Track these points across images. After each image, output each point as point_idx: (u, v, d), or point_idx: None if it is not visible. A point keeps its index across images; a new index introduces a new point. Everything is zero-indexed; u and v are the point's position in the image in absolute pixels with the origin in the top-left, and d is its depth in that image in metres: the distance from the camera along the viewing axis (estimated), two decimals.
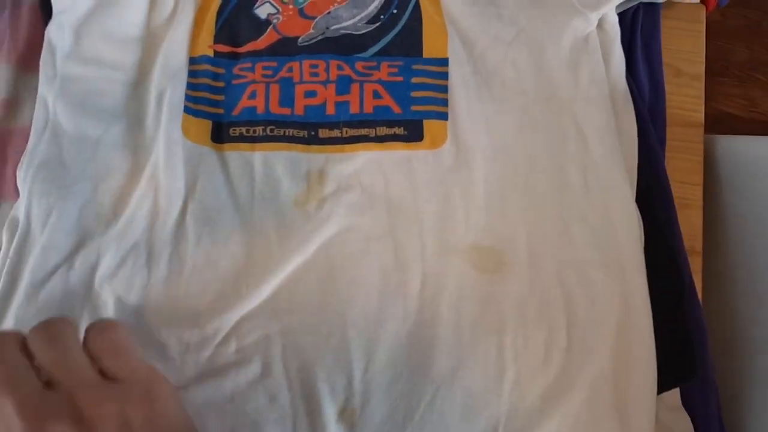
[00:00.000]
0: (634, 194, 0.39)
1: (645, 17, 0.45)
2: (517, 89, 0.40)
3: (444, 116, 0.39)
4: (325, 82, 0.40)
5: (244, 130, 0.39)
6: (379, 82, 0.40)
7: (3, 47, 0.40)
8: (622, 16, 0.44)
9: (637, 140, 0.41)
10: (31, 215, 0.37)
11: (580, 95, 0.40)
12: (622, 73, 0.42)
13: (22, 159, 0.38)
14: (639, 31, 0.44)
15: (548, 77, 0.41)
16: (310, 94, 0.39)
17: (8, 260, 0.36)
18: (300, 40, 0.41)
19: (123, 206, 0.37)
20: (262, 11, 0.42)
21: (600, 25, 0.42)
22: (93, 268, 0.36)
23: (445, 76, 0.40)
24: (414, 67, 0.40)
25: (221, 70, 0.40)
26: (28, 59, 0.40)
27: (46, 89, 0.39)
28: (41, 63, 0.39)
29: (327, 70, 0.40)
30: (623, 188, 0.38)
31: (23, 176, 0.38)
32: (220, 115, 0.39)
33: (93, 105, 0.39)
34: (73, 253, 0.36)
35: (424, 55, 0.41)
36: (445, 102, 0.39)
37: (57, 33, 0.40)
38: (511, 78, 0.40)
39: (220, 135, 0.39)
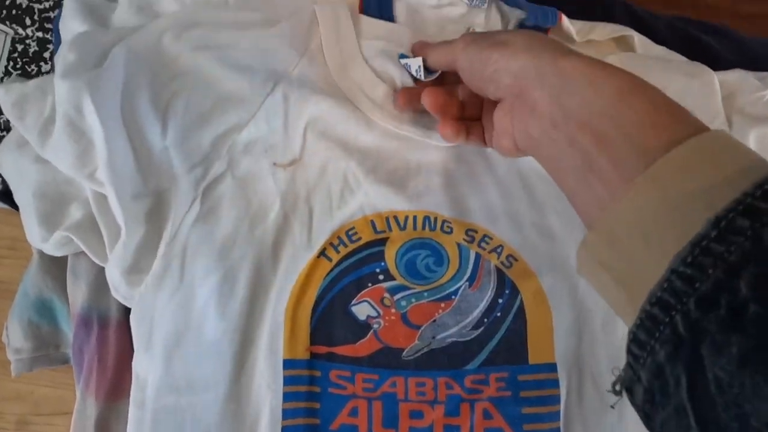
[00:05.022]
0: None
1: None
2: None
3: None
4: (432, 402, 0.38)
5: None
6: (489, 399, 0.38)
7: (91, 381, 0.37)
8: None
9: None
10: None
11: None
12: None
13: None
14: None
15: None
16: (416, 414, 0.38)
17: None
18: (405, 353, 0.39)
19: None
20: (360, 311, 0.39)
21: None
22: None
23: (555, 383, 0.39)
24: (520, 377, 0.39)
25: (317, 373, 0.38)
26: (117, 388, 0.38)
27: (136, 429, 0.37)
28: (131, 404, 0.37)
29: (435, 389, 0.38)
30: None
31: None
32: (317, 427, 0.38)
33: None
34: None
35: (531, 361, 0.39)
36: (557, 416, 0.38)
37: (146, 365, 0.37)
38: None
39: None
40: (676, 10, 0.57)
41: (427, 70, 0.42)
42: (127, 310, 0.38)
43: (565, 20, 0.45)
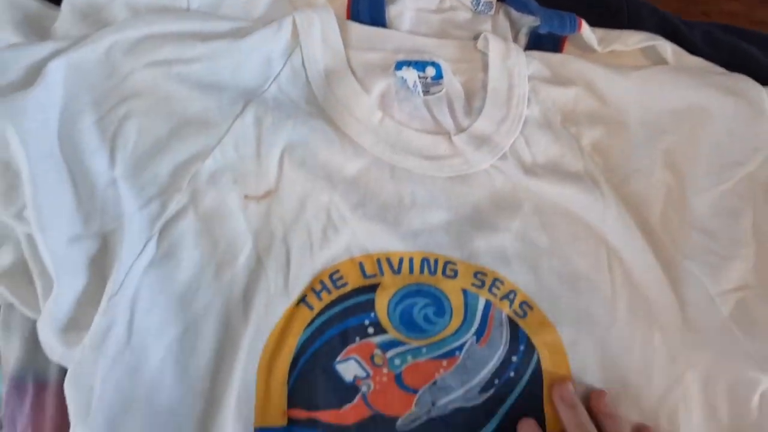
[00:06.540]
0: None
1: None
2: None
3: None
4: None
5: None
6: None
7: None
8: None
9: None
10: None
11: None
12: None
13: None
14: None
15: None
16: None
17: None
18: (399, 422, 0.33)
19: None
20: (347, 371, 0.33)
21: None
22: None
23: None
24: None
25: None
26: None
27: None
28: None
29: None
30: None
31: None
32: None
33: None
34: None
35: (549, 428, 0.33)
36: None
37: None
38: None
39: None
40: (689, 17, 0.53)
41: (426, 84, 0.36)
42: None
43: (586, 28, 0.39)
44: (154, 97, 0.33)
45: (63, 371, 0.33)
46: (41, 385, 0.33)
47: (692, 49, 0.40)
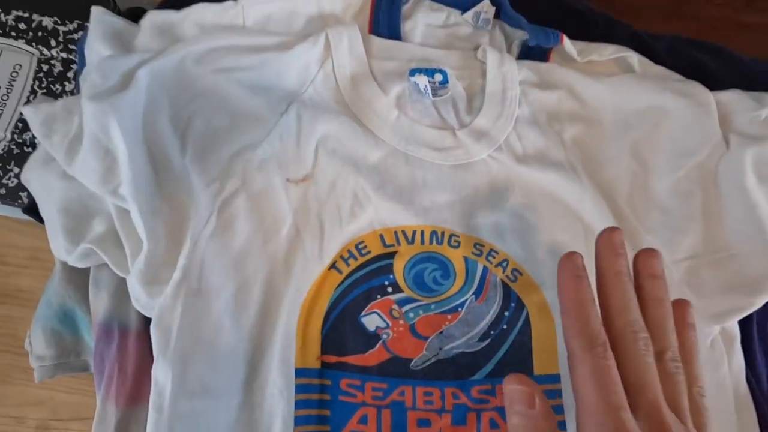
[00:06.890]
0: None
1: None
2: None
3: None
4: (440, 411, 0.39)
5: None
6: (496, 409, 0.39)
7: (111, 388, 0.38)
8: None
9: None
10: None
11: None
12: (743, 371, 0.42)
13: None
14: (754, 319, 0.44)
15: None
16: (424, 422, 0.39)
17: None
18: (413, 363, 0.40)
19: None
20: (370, 322, 0.41)
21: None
22: None
23: (559, 394, 0.40)
24: None
25: (328, 382, 0.40)
26: (136, 394, 0.39)
27: None
28: (150, 408, 0.38)
29: (442, 398, 0.40)
30: None
31: None
32: None
33: None
34: None
35: (536, 372, 0.40)
36: (561, 426, 0.39)
37: (164, 371, 0.39)
38: None
39: None
40: (680, 21, 0.55)
41: (434, 87, 0.44)
42: (146, 320, 0.39)
43: (567, 41, 0.46)
44: (217, 97, 0.40)
45: (142, 320, 0.41)
46: (125, 331, 0.40)
47: (656, 59, 0.47)
